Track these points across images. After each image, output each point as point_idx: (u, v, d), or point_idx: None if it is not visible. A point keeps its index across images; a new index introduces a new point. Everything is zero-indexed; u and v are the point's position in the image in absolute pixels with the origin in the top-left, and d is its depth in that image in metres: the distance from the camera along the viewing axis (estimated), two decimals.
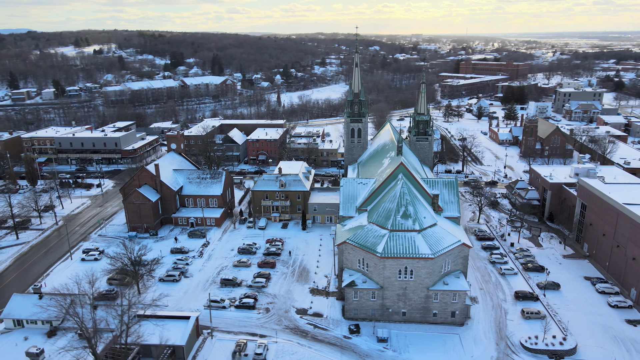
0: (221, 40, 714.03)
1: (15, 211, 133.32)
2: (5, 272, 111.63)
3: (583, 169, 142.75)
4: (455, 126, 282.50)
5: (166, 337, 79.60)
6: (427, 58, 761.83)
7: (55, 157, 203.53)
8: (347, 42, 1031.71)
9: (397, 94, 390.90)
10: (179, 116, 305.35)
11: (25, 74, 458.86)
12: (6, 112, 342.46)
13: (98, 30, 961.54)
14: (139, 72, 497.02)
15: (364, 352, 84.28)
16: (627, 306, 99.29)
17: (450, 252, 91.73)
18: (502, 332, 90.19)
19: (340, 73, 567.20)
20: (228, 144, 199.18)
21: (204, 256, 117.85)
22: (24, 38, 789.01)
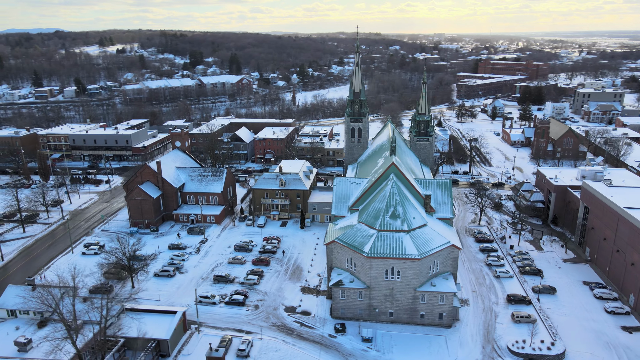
0: (241, 40, 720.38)
1: (24, 205, 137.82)
2: (10, 264, 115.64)
3: (590, 171, 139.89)
4: (468, 126, 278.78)
5: (151, 331, 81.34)
6: (446, 57, 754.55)
7: (69, 153, 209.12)
8: (367, 42, 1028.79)
9: (412, 93, 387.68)
10: (192, 114, 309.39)
11: (50, 73, 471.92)
12: (29, 109, 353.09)
13: (123, 30, 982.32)
14: (158, 71, 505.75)
15: (347, 352, 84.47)
16: (624, 312, 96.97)
17: (439, 253, 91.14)
18: (490, 335, 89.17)
19: None
20: (235, 142, 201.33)
21: (201, 253, 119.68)
22: (52, 37, 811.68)
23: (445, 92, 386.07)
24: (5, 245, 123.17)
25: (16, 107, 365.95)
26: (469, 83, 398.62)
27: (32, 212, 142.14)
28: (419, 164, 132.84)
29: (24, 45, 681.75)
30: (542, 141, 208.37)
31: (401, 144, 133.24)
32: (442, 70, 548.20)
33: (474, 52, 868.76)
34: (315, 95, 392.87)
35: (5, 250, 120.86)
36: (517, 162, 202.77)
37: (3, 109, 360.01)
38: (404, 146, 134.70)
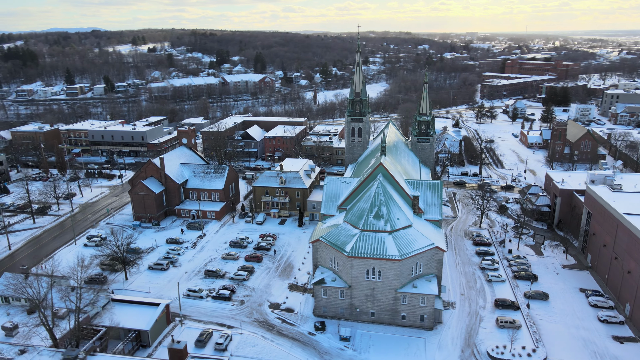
0: (268, 39, 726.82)
1: (37, 198, 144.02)
2: (17, 252, 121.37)
3: (599, 175, 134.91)
4: (486, 128, 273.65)
5: (133, 322, 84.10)
6: (476, 57, 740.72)
7: (88, 148, 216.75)
8: (397, 41, 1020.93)
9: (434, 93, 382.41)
10: (210, 112, 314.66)
11: (82, 71, 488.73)
12: (59, 105, 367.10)
13: (157, 29, 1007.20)
14: (185, 69, 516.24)
15: (324, 350, 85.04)
16: (617, 322, 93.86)
17: (422, 255, 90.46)
18: (472, 339, 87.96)
19: (382, 72, 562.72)
20: (246, 140, 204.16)
21: (197, 247, 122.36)
22: (88, 36, 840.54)
23: (468, 93, 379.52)
24: (15, 235, 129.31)
25: (48, 103, 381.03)
26: (492, 83, 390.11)
27: (44, 204, 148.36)
28: (417, 165, 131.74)
29: (61, 44, 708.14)
30: (559, 144, 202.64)
31: (399, 145, 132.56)
32: (470, 69, 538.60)
33: (505, 51, 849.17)
34: (336, 94, 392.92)
35: (14, 239, 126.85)
36: (531, 164, 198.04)
37: (35, 105, 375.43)
38: (403, 147, 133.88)
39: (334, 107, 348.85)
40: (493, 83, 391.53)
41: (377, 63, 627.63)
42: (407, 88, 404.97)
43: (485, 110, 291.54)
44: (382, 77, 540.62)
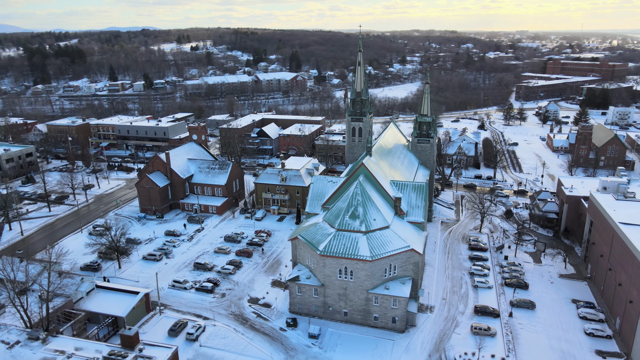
0: (307, 37, 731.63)
1: (56, 188, 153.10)
2: (29, 237, 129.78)
3: (612, 182, 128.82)
4: (514, 130, 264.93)
5: (112, 308, 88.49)
6: (522, 56, 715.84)
7: (115, 142, 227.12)
8: (439, 40, 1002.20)
9: (468, 93, 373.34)
10: (237, 109, 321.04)
11: (126, 68, 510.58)
12: (100, 101, 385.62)
13: (204, 28, 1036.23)
14: (222, 67, 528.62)
15: (291, 346, 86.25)
16: (604, 336, 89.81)
17: (396, 256, 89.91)
18: (442, 344, 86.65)
19: (419, 71, 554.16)
20: (262, 138, 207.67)
21: (193, 240, 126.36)
22: (138, 35, 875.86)
23: (502, 94, 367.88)
24: (30, 222, 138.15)
25: (90, 99, 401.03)
26: (528, 84, 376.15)
27: (62, 194, 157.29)
28: (415, 166, 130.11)
29: (111, 43, 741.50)
30: (584, 148, 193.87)
31: (397, 146, 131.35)
32: (511, 69, 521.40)
33: (555, 50, 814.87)
34: None
35: (29, 226, 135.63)
36: (553, 169, 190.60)
37: (79, 100, 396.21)
38: (402, 148, 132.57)
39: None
40: (529, 84, 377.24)
41: (415, 62, 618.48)
42: (440, 88, 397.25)
43: (514, 112, 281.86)
44: (419, 76, 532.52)
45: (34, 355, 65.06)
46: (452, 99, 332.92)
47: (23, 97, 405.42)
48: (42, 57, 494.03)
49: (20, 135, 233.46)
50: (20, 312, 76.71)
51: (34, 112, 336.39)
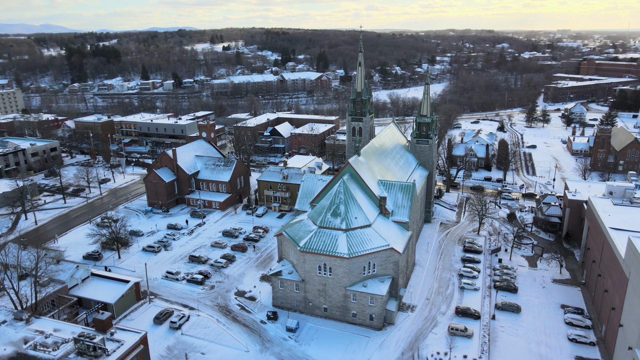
0: (336, 37, 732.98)
1: (71, 181, 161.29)
2: (43, 226, 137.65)
3: (618, 187, 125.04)
4: (536, 132, 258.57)
5: (102, 295, 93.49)
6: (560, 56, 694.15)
7: (136, 139, 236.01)
8: (474, 40, 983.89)
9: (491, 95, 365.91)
10: (259, 108, 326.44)
11: (158, 67, 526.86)
12: (130, 99, 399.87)
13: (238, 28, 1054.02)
14: (250, 66, 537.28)
15: (268, 338, 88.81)
16: (588, 342, 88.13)
17: (374, 255, 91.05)
18: (417, 343, 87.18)
19: (447, 72, 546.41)
20: (274, 137, 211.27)
21: (193, 234, 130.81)
22: (174, 35, 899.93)
23: (529, 95, 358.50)
24: (45, 212, 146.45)
25: (122, 97, 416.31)
26: (556, 85, 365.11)
27: (79, 186, 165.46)
28: (412, 167, 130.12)
29: (148, 43, 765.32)
30: (602, 152, 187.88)
31: (395, 146, 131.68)
32: (545, 70, 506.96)
33: (596, 50, 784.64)
34: (389, 94, 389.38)
35: (44, 216, 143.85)
36: (569, 173, 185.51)
37: (111, 98, 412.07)
38: (399, 148, 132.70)
39: (385, 106, 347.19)
40: (557, 85, 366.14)
41: (445, 63, 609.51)
42: (465, 88, 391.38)
43: (537, 113, 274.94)
44: (447, 77, 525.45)
45: (17, 334, 69.99)
46: (475, 100, 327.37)
47: (60, 95, 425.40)
48: (80, 57, 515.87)
49: (50, 131, 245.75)
50: (11, 294, 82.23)
51: (68, 109, 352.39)
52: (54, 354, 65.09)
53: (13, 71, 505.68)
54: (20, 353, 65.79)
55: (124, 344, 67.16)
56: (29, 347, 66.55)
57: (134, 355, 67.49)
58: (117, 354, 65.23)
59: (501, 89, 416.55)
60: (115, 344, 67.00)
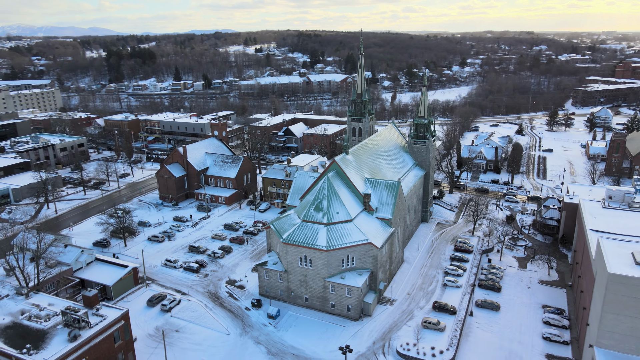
0: (366, 40, 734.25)
1: (92, 175, 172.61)
2: (62, 215, 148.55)
3: (618, 191, 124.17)
4: (556, 136, 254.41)
5: (102, 278, 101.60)
6: (601, 59, 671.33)
7: (159, 137, 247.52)
8: (511, 42, 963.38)
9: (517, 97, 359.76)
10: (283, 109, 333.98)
11: (190, 69, 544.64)
12: (161, 99, 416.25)
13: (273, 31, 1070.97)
14: (279, 68, 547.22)
15: (249, 323, 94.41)
16: (561, 341, 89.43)
17: (353, 248, 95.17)
18: (390, 334, 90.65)
19: (478, 74, 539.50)
20: (288, 136, 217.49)
21: (197, 227, 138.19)
22: (210, 38, 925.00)
23: (556, 98, 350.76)
24: (66, 202, 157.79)
25: (155, 97, 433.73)
26: (585, 88, 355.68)
27: (100, 180, 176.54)
28: (408, 167, 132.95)
29: (184, 45, 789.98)
30: (616, 156, 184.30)
31: (391, 146, 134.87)
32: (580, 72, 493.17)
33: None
34: (413, 96, 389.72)
35: (64, 206, 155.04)
36: (581, 177, 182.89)
37: (143, 98, 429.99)
38: (396, 148, 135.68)
39: (407, 108, 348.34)
40: (586, 88, 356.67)
41: (476, 65, 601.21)
42: (491, 91, 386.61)
43: (559, 117, 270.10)
44: (477, 79, 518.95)
45: (16, 306, 78.29)
46: (496, 103, 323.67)
47: (97, 94, 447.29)
48: (118, 59, 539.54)
49: (82, 128, 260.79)
50: (16, 272, 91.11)
51: (103, 108, 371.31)
52: (45, 325, 72.77)
53: (56, 72, 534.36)
54: (16, 323, 73.85)
55: (106, 319, 74.21)
56: (24, 318, 74.54)
57: (115, 329, 74.47)
58: (98, 327, 72.28)
59: (531, 92, 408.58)
60: (99, 319, 74.12)
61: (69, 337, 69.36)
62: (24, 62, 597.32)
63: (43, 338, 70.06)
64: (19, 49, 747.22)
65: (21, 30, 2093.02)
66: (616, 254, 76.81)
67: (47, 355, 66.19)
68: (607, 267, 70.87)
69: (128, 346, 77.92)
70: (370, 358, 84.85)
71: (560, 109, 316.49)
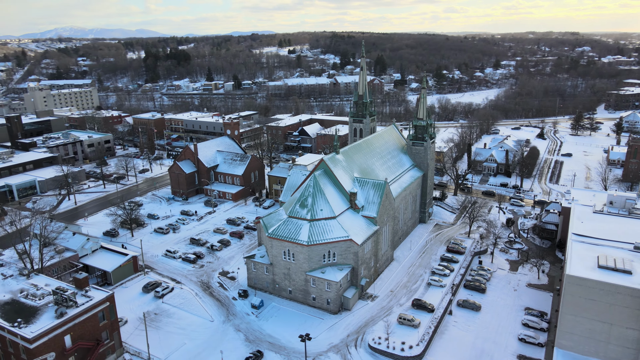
0: (400, 41, 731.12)
1: (112, 170, 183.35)
2: (81, 206, 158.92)
3: (619, 197, 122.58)
4: (579, 140, 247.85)
5: (104, 264, 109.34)
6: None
7: (182, 135, 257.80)
8: (553, 42, 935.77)
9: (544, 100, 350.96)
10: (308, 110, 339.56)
11: (223, 70, 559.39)
12: (192, 99, 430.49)
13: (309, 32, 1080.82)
14: (309, 69, 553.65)
15: (234, 312, 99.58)
16: (536, 343, 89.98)
17: (334, 244, 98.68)
18: (366, 328, 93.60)
19: (511, 76, 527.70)
20: (303, 136, 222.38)
21: (202, 221, 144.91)
22: (246, 39, 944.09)
23: (588, 102, 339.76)
24: (86, 194, 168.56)
25: (186, 97, 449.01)
26: (619, 92, 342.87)
27: (120, 175, 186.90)
28: (405, 167, 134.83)
29: (220, 47, 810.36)
30: (634, 162, 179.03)
31: (389, 147, 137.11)
32: (620, 75, 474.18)
33: None
34: (440, 98, 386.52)
35: (84, 198, 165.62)
36: (595, 183, 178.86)
37: (175, 98, 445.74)
38: (393, 149, 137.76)
39: (432, 111, 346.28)
40: (619, 92, 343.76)
41: (511, 67, 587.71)
42: (519, 94, 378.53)
43: (585, 121, 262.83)
44: (510, 82, 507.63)
45: (17, 285, 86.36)
46: (522, 106, 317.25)
47: (133, 94, 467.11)
48: (155, 60, 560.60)
49: (113, 126, 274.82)
50: (23, 256, 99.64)
51: (138, 107, 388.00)
52: (38, 302, 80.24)
53: (97, 72, 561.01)
54: (15, 300, 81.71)
55: (92, 300, 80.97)
56: (22, 296, 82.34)
57: (99, 309, 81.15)
58: (84, 306, 79.03)
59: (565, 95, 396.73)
60: (86, 299, 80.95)
61: (56, 314, 76.40)
62: (70, 63, 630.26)
63: (34, 314, 77.40)
64: (67, 51, 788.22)
65: (73, 32, 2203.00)
66: (582, 257, 77.34)
67: (35, 329, 73.30)
68: (566, 269, 71.69)
69: (113, 326, 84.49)
70: (342, 349, 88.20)
71: (590, 113, 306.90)
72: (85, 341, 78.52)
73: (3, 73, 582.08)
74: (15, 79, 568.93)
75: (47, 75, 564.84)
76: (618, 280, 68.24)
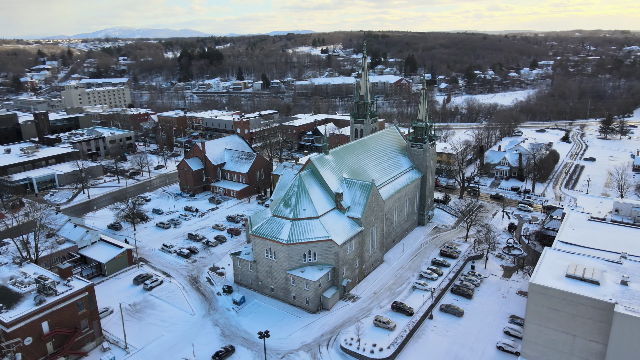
0: (433, 40, 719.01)
1: (129, 165, 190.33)
2: (93, 200, 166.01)
3: (626, 204, 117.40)
4: (607, 144, 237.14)
5: (99, 255, 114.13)
6: None
7: (203, 132, 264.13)
8: (599, 41, 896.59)
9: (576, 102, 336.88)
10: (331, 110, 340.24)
11: (253, 69, 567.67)
12: (221, 97, 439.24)
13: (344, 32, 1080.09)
14: (339, 69, 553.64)
15: (216, 306, 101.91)
16: (513, 352, 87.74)
17: (314, 244, 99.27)
18: (341, 328, 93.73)
19: (547, 77, 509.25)
20: (316, 136, 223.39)
21: (204, 217, 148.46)
22: (282, 39, 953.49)
23: (625, 104, 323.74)
24: (100, 189, 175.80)
25: (216, 95, 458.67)
26: None
27: (136, 170, 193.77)
28: (402, 169, 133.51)
29: (255, 46, 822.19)
30: None
31: (387, 149, 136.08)
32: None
33: None
34: (468, 99, 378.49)
35: (98, 192, 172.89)
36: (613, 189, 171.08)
37: (204, 96, 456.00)
38: (391, 150, 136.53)
39: (457, 111, 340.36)
40: None
41: (548, 67, 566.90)
42: (552, 95, 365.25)
43: (614, 124, 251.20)
44: (546, 82, 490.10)
45: (9, 272, 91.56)
46: (550, 108, 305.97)
47: (166, 92, 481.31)
48: (188, 59, 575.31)
49: (139, 123, 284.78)
50: (18, 245, 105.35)
51: (169, 105, 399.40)
52: (24, 289, 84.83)
53: (134, 71, 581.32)
54: (3, 286, 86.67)
55: (72, 289, 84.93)
56: (10, 283, 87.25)
57: (78, 298, 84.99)
58: (63, 295, 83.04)
59: (605, 97, 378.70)
60: (66, 288, 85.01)
61: (35, 301, 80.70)
62: (110, 62, 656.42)
63: (17, 300, 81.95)
64: (110, 50, 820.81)
65: (122, 32, 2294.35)
66: (552, 265, 74.85)
67: (13, 315, 77.68)
68: (531, 277, 69.63)
69: (93, 315, 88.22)
70: (313, 348, 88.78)
71: (625, 116, 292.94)
72: (63, 328, 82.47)
73: (49, 72, 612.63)
74: (60, 77, 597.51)
75: (88, 74, 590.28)
76: (582, 291, 65.62)
